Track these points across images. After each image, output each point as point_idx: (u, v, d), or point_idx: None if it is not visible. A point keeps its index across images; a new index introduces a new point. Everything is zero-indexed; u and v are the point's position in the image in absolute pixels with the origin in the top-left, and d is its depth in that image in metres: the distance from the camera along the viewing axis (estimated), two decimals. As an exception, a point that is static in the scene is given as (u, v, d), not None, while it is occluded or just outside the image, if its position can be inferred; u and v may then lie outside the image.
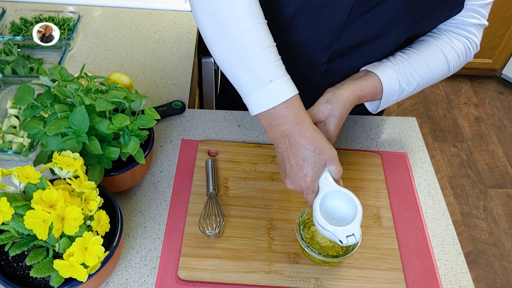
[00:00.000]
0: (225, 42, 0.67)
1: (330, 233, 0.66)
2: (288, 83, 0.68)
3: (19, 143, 0.88)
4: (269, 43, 0.68)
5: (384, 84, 0.77)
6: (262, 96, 0.67)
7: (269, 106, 0.66)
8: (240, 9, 0.67)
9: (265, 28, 0.69)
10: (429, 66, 0.80)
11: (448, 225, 0.83)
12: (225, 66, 0.69)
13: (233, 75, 0.69)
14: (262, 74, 0.66)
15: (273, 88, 0.66)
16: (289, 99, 0.66)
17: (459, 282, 0.76)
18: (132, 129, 0.74)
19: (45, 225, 0.57)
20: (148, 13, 1.30)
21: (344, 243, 0.65)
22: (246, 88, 0.68)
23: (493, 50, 2.56)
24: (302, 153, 0.67)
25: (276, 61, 0.68)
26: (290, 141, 0.68)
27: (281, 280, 0.73)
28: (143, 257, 0.76)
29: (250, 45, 0.67)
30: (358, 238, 0.66)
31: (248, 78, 0.67)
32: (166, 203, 0.83)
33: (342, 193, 0.69)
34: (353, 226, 0.66)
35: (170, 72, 1.11)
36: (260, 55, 0.67)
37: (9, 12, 1.19)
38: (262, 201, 0.83)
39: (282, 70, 0.68)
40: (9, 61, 1.06)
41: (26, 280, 0.63)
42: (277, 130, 0.67)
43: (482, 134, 2.44)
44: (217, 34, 0.68)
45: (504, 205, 2.10)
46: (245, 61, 0.67)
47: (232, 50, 0.67)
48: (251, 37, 0.67)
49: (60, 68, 0.74)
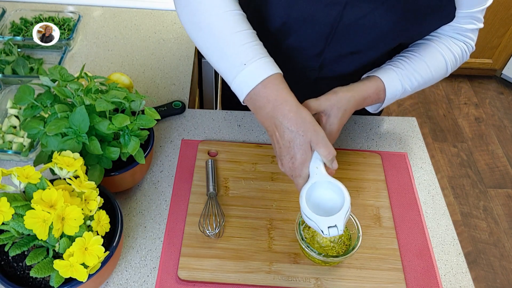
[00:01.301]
0: (201, 36, 0.70)
1: (313, 222, 0.65)
2: (264, 63, 0.68)
3: (19, 143, 0.88)
4: (240, 28, 0.69)
5: (387, 84, 0.78)
6: (241, 81, 0.67)
7: (249, 89, 0.67)
8: (210, 1, 0.69)
9: (237, 15, 0.70)
10: (429, 67, 0.81)
11: (448, 225, 0.83)
12: (208, 58, 0.72)
13: (215, 66, 0.71)
14: (236, 59, 0.67)
15: (249, 71, 0.67)
16: (267, 78, 0.67)
17: (459, 282, 0.76)
18: (132, 129, 0.74)
19: (45, 225, 0.57)
20: (148, 13, 1.30)
21: (325, 233, 0.64)
22: (226, 76, 0.70)
23: (493, 50, 2.56)
24: (287, 135, 0.66)
25: (248, 44, 0.68)
26: (276, 123, 0.67)
27: (281, 280, 0.73)
28: (143, 257, 0.76)
29: (220, 33, 0.68)
30: (341, 231, 0.64)
31: (225, 65, 0.69)
32: (166, 203, 0.83)
33: (332, 185, 0.67)
34: (337, 217, 0.64)
35: (170, 72, 1.11)
36: (231, 40, 0.68)
37: (9, 12, 1.19)
38: (262, 201, 0.83)
39: (257, 52, 0.68)
40: (9, 61, 1.06)
41: (26, 280, 0.63)
42: (262, 112, 0.67)
43: (482, 134, 2.44)
44: (194, 29, 0.71)
45: (504, 205, 2.10)
46: (219, 49, 0.69)
47: (207, 41, 0.70)
48: (220, 25, 0.69)
49: (60, 68, 0.74)
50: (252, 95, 0.67)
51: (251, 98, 0.68)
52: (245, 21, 0.71)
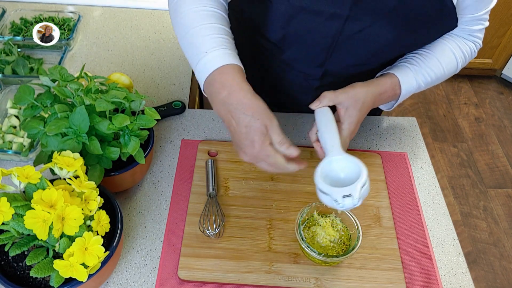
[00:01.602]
0: (176, 24, 0.74)
1: (327, 196, 0.65)
2: (224, 54, 0.69)
3: (19, 143, 0.88)
4: (210, 21, 0.71)
5: (401, 80, 0.80)
6: (201, 67, 0.69)
7: (207, 74, 0.68)
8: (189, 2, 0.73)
9: (212, 11, 0.73)
10: (441, 63, 0.83)
11: (448, 225, 0.83)
12: (181, 47, 0.75)
13: (185, 54, 0.74)
14: (199, 47, 0.69)
15: (209, 59, 0.68)
16: (224, 66, 0.68)
17: (459, 282, 0.76)
18: (132, 129, 0.74)
19: (45, 225, 0.57)
20: (148, 13, 1.30)
21: (340, 202, 0.63)
22: (191, 63, 0.72)
23: (493, 50, 2.56)
24: (243, 119, 0.66)
25: (213, 35, 0.70)
26: (230, 109, 0.67)
27: (281, 280, 0.73)
28: (143, 257, 0.76)
29: (191, 23, 0.71)
30: (356, 200, 0.62)
31: (191, 53, 0.71)
32: (166, 203, 0.83)
33: (349, 161, 0.67)
34: (352, 187, 0.63)
35: (170, 72, 1.11)
36: (199, 31, 0.71)
37: (9, 12, 1.19)
38: (262, 201, 0.83)
39: (220, 43, 0.70)
40: (9, 61, 1.06)
41: (26, 280, 0.63)
42: (217, 98, 0.68)
43: (482, 134, 2.44)
44: (174, 19, 0.75)
45: (504, 205, 2.10)
46: (187, 38, 0.72)
47: (180, 30, 0.73)
48: (193, 17, 0.72)
49: (60, 68, 0.74)
50: (209, 80, 0.68)
51: (208, 84, 0.69)
52: (218, 17, 0.73)
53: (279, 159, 0.67)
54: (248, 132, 0.66)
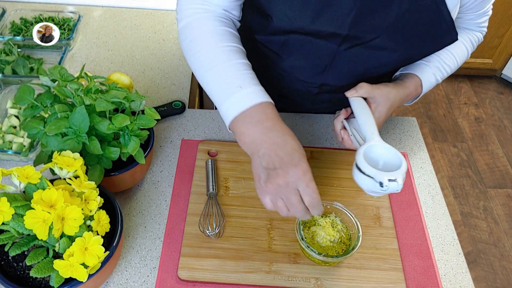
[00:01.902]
0: (198, 60, 0.72)
1: (368, 179, 0.65)
2: (262, 91, 0.69)
3: (19, 143, 0.88)
4: (238, 58, 0.71)
5: (423, 79, 0.82)
6: (235, 101, 0.67)
7: (245, 106, 0.66)
8: (210, 37, 0.72)
9: (236, 47, 0.73)
10: (454, 56, 0.85)
11: (448, 225, 0.83)
12: (201, 79, 0.73)
13: (208, 86, 0.72)
14: (231, 82, 0.68)
15: (247, 92, 0.67)
16: (267, 102, 0.68)
17: (459, 282, 0.76)
18: (132, 129, 0.74)
19: (45, 225, 0.57)
20: (148, 13, 1.30)
21: (385, 185, 0.64)
22: (219, 96, 0.69)
23: (493, 50, 2.56)
24: (290, 143, 0.65)
25: (245, 71, 0.70)
26: (276, 134, 0.65)
27: (281, 280, 0.73)
28: (143, 257, 0.76)
29: (219, 60, 0.70)
30: (400, 186, 0.64)
31: (219, 87, 0.69)
32: (166, 203, 0.83)
33: (387, 150, 0.69)
34: (398, 172, 0.65)
35: (170, 72, 1.11)
36: (228, 67, 0.70)
37: (9, 12, 1.19)
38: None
39: (253, 79, 0.69)
40: (9, 61, 1.06)
41: (26, 280, 0.63)
42: (257, 127, 0.66)
43: (482, 134, 2.44)
44: (193, 56, 0.73)
45: (504, 205, 2.10)
46: (214, 73, 0.70)
47: (205, 64, 0.71)
48: (219, 53, 0.71)
49: (60, 68, 0.74)
50: (249, 113, 0.66)
51: (246, 116, 0.67)
52: (240, 53, 0.73)
53: (315, 195, 0.64)
54: (294, 155, 0.64)
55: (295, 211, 0.64)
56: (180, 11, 0.77)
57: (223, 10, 0.76)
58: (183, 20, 0.76)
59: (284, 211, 0.65)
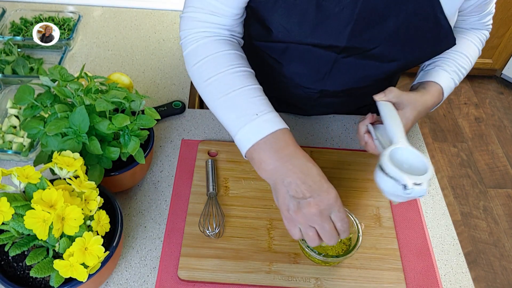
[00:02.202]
0: (210, 89, 0.71)
1: (392, 181, 0.64)
2: (278, 117, 0.68)
3: (19, 143, 0.88)
4: (250, 83, 0.70)
5: (444, 86, 0.81)
6: (250, 130, 0.66)
7: (265, 133, 0.65)
8: (220, 59, 0.72)
9: (246, 71, 0.72)
10: (468, 57, 0.86)
11: (448, 225, 0.83)
12: (214, 109, 0.72)
13: (221, 115, 0.71)
14: (247, 110, 0.68)
15: (266, 119, 0.67)
16: (285, 129, 0.67)
17: (459, 282, 0.76)
18: (132, 129, 0.74)
19: (45, 225, 0.57)
20: (148, 13, 1.30)
21: (410, 189, 0.63)
22: (234, 124, 0.69)
23: (493, 50, 2.56)
24: (315, 170, 0.64)
25: (258, 97, 0.69)
26: (298, 162, 0.64)
27: (281, 280, 0.73)
28: (143, 257, 0.76)
29: (230, 87, 0.70)
30: (425, 191, 0.63)
31: (234, 115, 0.69)
32: (166, 203, 0.83)
33: (413, 153, 0.68)
34: (424, 177, 0.64)
35: (170, 72, 1.11)
36: (241, 93, 0.69)
37: (9, 12, 1.19)
38: (262, 201, 0.83)
39: (268, 106, 0.69)
40: (9, 61, 1.06)
41: (26, 280, 0.63)
42: (279, 154, 0.64)
43: (482, 134, 2.44)
44: (203, 84, 0.73)
45: (504, 205, 2.10)
46: (228, 101, 0.69)
47: (217, 93, 0.70)
48: (231, 79, 0.70)
49: (60, 68, 0.74)
50: (269, 140, 0.65)
51: (266, 142, 0.65)
52: (252, 77, 0.73)
53: (345, 219, 0.65)
54: (321, 182, 0.64)
55: (328, 238, 0.64)
56: (185, 36, 0.76)
57: (228, 30, 0.76)
58: (189, 46, 0.75)
59: (316, 240, 0.64)
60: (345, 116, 1.02)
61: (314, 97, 0.92)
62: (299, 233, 0.65)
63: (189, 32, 0.76)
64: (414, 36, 0.75)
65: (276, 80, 0.91)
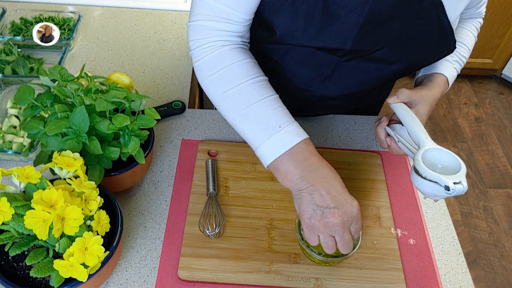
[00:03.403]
0: (228, 102, 0.71)
1: (432, 184, 0.65)
2: (299, 127, 0.69)
3: (19, 143, 0.88)
4: (268, 93, 0.71)
5: (448, 76, 0.84)
6: (275, 142, 0.67)
7: (290, 145, 0.66)
8: (235, 70, 0.71)
9: (262, 81, 0.72)
10: (467, 46, 0.88)
11: (448, 225, 0.83)
12: (233, 123, 0.72)
13: (242, 129, 0.71)
14: (269, 122, 0.68)
15: (289, 131, 0.67)
16: (307, 139, 0.68)
17: (459, 282, 0.76)
18: (132, 129, 0.74)
19: (45, 225, 0.57)
20: (148, 13, 1.30)
21: (452, 189, 0.63)
22: (256, 137, 0.69)
23: (493, 50, 2.56)
24: (338, 181, 0.66)
25: (278, 108, 0.70)
26: (323, 172, 0.66)
27: (281, 280, 0.73)
28: (143, 257, 0.76)
29: (250, 99, 0.69)
30: (466, 187, 0.64)
31: (257, 128, 0.69)
32: (166, 203, 0.83)
33: (442, 152, 0.68)
34: (460, 175, 0.64)
35: (170, 72, 1.11)
36: (261, 105, 0.69)
37: (9, 12, 1.19)
38: (262, 201, 0.83)
39: (289, 117, 0.69)
40: (9, 61, 1.06)
41: (26, 280, 0.63)
42: (304, 165, 0.66)
43: (482, 134, 2.44)
44: (220, 97, 0.72)
45: (504, 205, 2.10)
46: (249, 113, 0.69)
47: (236, 106, 0.70)
48: (249, 90, 0.70)
49: (60, 68, 0.74)
50: (293, 150, 0.66)
51: (291, 154, 0.66)
52: (269, 86, 0.73)
53: (360, 229, 0.69)
54: (345, 193, 0.66)
55: (345, 248, 0.68)
56: (197, 46, 0.74)
57: (239, 37, 0.75)
58: (202, 56, 0.73)
59: (333, 248, 0.68)
60: (345, 116, 1.02)
61: (314, 100, 0.92)
62: (317, 241, 0.68)
63: (202, 42, 0.73)
64: (417, 38, 0.75)
65: (276, 82, 0.91)
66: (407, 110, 0.76)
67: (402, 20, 0.71)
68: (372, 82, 0.85)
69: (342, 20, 0.71)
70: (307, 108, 0.97)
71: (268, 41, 0.82)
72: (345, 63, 0.79)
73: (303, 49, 0.79)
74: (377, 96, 1.05)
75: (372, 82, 0.85)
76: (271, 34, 0.79)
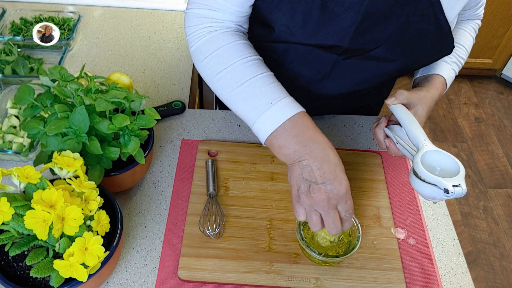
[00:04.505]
0: (222, 83, 0.71)
1: (432, 187, 0.65)
2: (294, 101, 0.69)
3: (19, 143, 0.88)
4: (260, 71, 0.70)
5: (446, 77, 0.84)
6: (271, 115, 0.67)
7: (284, 119, 0.66)
8: (227, 51, 0.72)
9: (255, 60, 0.72)
10: (465, 47, 0.88)
11: (448, 225, 0.83)
12: (229, 103, 0.72)
13: (237, 109, 0.71)
14: (261, 99, 0.68)
15: (283, 104, 0.67)
16: (302, 111, 0.68)
17: (459, 282, 0.76)
18: (132, 129, 0.74)
19: (45, 225, 0.57)
20: (148, 13, 1.30)
21: (451, 191, 0.63)
22: (250, 116, 0.69)
23: (493, 50, 2.56)
24: (332, 158, 0.65)
25: (271, 84, 0.69)
26: (318, 147, 0.65)
27: (281, 280, 0.73)
28: (143, 257, 0.76)
29: (242, 77, 0.70)
30: (465, 190, 0.64)
31: (249, 106, 0.69)
32: (166, 203, 0.83)
33: (441, 154, 0.68)
34: (459, 177, 0.64)
35: (170, 72, 1.11)
36: (253, 83, 0.69)
37: (9, 12, 1.19)
38: (262, 201, 0.83)
39: (282, 92, 0.69)
40: (9, 61, 1.06)
41: (26, 280, 0.63)
42: (298, 139, 0.65)
43: (482, 134, 2.44)
44: (214, 78, 0.72)
45: (504, 205, 2.10)
46: (241, 92, 0.69)
47: (229, 87, 0.70)
48: (241, 69, 0.70)
49: (60, 68, 0.74)
50: (288, 124, 0.66)
51: (285, 127, 0.66)
52: (262, 65, 0.73)
53: (351, 210, 0.67)
54: (336, 171, 0.64)
55: (331, 227, 0.66)
56: (191, 32, 0.76)
57: (234, 23, 0.76)
58: (196, 41, 0.75)
59: (318, 225, 0.66)
60: (345, 116, 1.02)
61: (314, 100, 0.92)
62: (304, 215, 0.67)
63: (195, 28, 0.75)
64: (414, 37, 0.75)
65: (280, 77, 0.91)
66: (406, 112, 0.76)
67: (399, 18, 0.71)
68: (370, 81, 0.85)
69: (339, 17, 0.71)
70: (306, 108, 0.97)
71: (266, 39, 0.82)
72: (343, 61, 0.80)
73: (302, 47, 0.79)
74: (376, 96, 1.05)
75: (370, 81, 0.85)
76: (269, 31, 0.79)
